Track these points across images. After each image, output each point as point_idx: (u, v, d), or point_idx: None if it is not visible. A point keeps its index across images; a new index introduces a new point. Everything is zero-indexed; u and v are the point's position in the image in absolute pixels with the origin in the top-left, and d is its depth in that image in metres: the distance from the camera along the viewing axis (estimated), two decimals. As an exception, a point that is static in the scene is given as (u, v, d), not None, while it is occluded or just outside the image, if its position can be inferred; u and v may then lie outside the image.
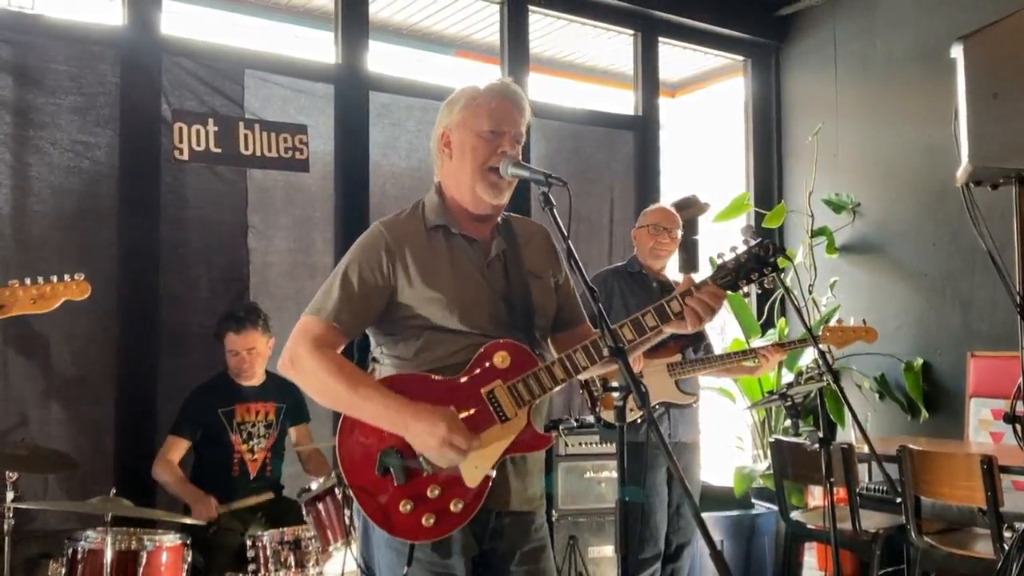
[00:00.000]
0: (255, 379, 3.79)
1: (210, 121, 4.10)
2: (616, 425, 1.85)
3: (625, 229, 4.08)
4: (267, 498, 3.72)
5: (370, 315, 2.01)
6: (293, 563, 3.24)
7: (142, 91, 3.96)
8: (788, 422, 4.78)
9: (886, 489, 4.18)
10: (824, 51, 5.68)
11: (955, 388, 4.78)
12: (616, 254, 5.18)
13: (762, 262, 2.01)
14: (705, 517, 1.61)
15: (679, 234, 3.95)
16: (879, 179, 5.31)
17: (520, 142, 2.04)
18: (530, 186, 2.04)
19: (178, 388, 3.81)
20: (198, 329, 3.99)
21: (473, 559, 1.95)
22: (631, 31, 5.55)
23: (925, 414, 4.90)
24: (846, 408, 2.92)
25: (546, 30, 5.53)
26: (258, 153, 4.21)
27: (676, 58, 6.07)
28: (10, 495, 2.99)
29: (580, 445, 4.30)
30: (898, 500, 3.67)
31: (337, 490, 3.23)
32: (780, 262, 2.04)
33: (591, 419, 4.09)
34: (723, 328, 5.89)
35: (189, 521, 3.25)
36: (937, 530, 3.66)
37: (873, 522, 3.88)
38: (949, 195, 4.47)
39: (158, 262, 3.96)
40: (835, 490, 3.17)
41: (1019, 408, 2.35)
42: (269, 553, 3.23)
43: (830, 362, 3.09)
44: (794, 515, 4.16)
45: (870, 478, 4.62)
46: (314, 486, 3.36)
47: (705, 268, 5.40)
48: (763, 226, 5.47)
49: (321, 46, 4.80)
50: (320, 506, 3.30)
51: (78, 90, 3.85)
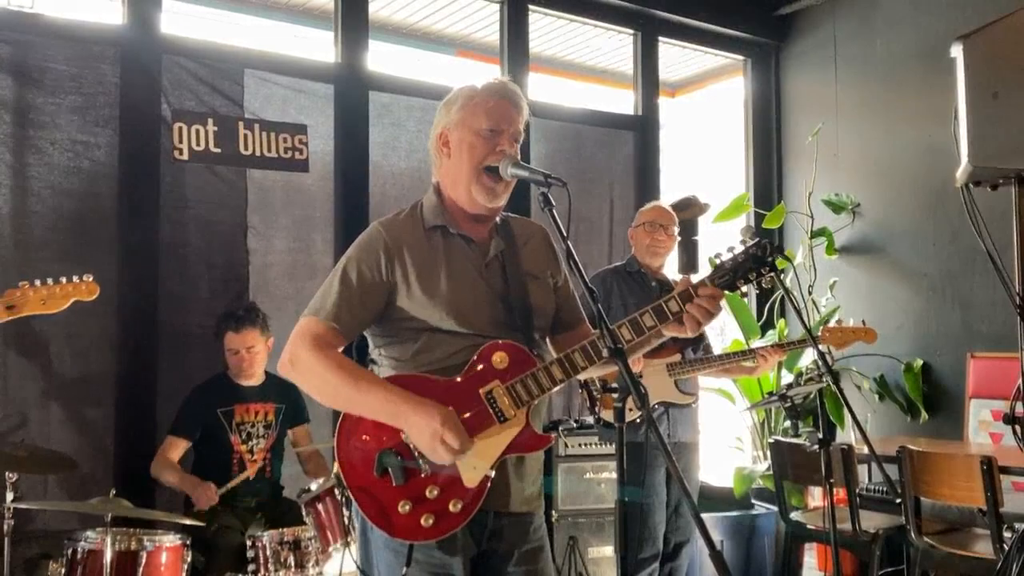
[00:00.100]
0: (255, 378, 3.79)
1: (210, 121, 4.10)
2: (616, 425, 1.85)
3: (625, 229, 4.08)
4: (264, 486, 3.71)
5: (369, 315, 2.00)
6: (293, 563, 3.24)
7: (142, 91, 3.96)
8: (788, 423, 4.79)
9: (886, 490, 4.18)
10: (824, 51, 5.68)
11: (955, 389, 4.78)
12: (616, 254, 5.18)
13: (760, 262, 2.01)
14: (705, 517, 1.61)
15: (676, 231, 3.95)
16: (879, 179, 5.30)
17: (518, 141, 2.04)
18: (530, 186, 2.04)
19: (178, 388, 3.81)
20: (198, 329, 3.99)
21: (472, 560, 1.95)
22: (631, 31, 5.54)
23: (925, 415, 4.89)
24: (846, 409, 2.91)
25: (546, 30, 5.54)
26: (258, 153, 4.20)
27: (676, 58, 6.08)
28: (10, 495, 2.98)
29: (580, 446, 4.30)
30: (898, 501, 3.66)
31: (337, 491, 3.23)
32: (778, 262, 2.04)
33: (591, 420, 4.09)
34: (723, 329, 5.90)
35: (189, 522, 3.25)
36: (937, 530, 3.66)
37: (873, 523, 3.87)
38: (949, 195, 4.48)
39: (158, 262, 3.96)
40: (835, 491, 3.17)
41: (1019, 409, 2.34)
42: (269, 553, 3.23)
43: (830, 363, 3.08)
44: (794, 516, 4.16)
45: (870, 479, 4.61)
46: (313, 487, 3.37)
47: (705, 268, 5.39)
48: (763, 226, 5.47)
49: (321, 46, 4.80)
50: (320, 507, 3.31)
51: (78, 90, 3.85)
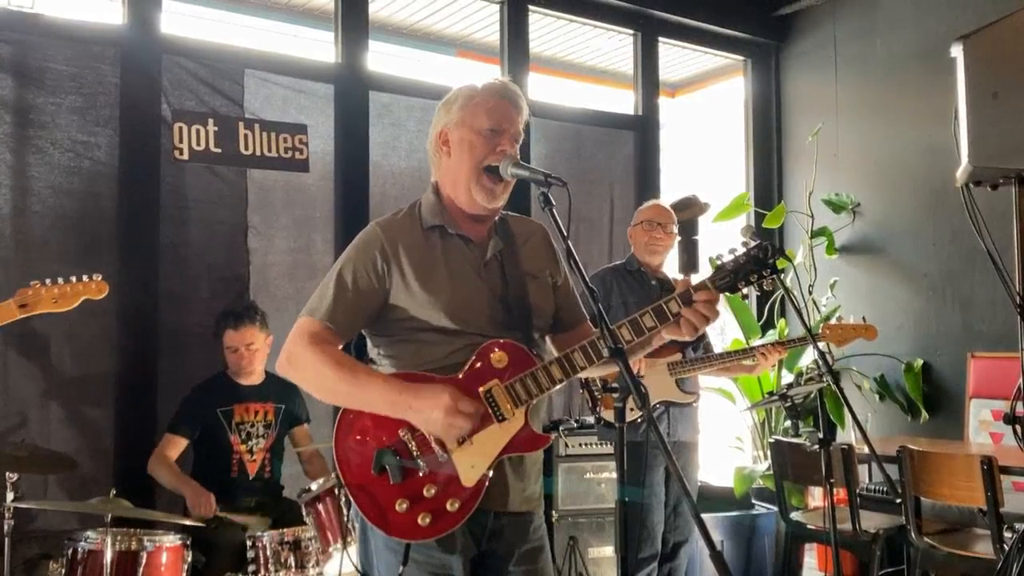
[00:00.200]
0: (254, 377, 3.78)
1: (210, 121, 4.10)
2: (616, 425, 1.85)
3: (625, 229, 4.08)
4: (264, 511, 3.64)
5: (365, 315, 2.00)
6: (293, 563, 3.24)
7: (142, 91, 3.96)
8: (788, 423, 4.78)
9: (886, 490, 4.18)
10: (824, 51, 5.68)
11: (955, 389, 4.78)
12: (616, 254, 5.17)
13: (761, 264, 2.00)
14: (705, 517, 1.60)
15: (675, 229, 3.94)
16: (879, 179, 5.30)
17: (518, 141, 2.04)
18: (530, 186, 2.03)
19: (178, 388, 3.80)
20: (198, 329, 3.98)
21: (471, 560, 1.95)
22: (631, 31, 5.54)
23: (925, 415, 4.89)
24: (846, 409, 2.91)
25: (546, 30, 5.53)
26: (258, 153, 4.20)
27: (676, 58, 6.07)
28: (10, 495, 2.98)
29: (580, 446, 4.30)
30: (898, 501, 3.66)
31: (337, 491, 3.23)
32: (779, 262, 2.03)
33: (591, 420, 4.09)
34: (723, 329, 5.89)
35: (189, 522, 3.25)
36: (937, 530, 3.65)
37: (873, 522, 3.87)
38: (949, 195, 4.47)
39: (158, 262, 3.96)
40: (835, 491, 3.17)
41: (1019, 409, 2.34)
42: (269, 553, 3.23)
43: (830, 363, 3.08)
44: (794, 516, 4.16)
45: (870, 479, 4.61)
46: (314, 487, 3.37)
47: (705, 269, 5.39)
48: (763, 226, 5.47)
49: (321, 46, 4.80)
50: (320, 507, 3.31)
51: (78, 90, 3.85)
